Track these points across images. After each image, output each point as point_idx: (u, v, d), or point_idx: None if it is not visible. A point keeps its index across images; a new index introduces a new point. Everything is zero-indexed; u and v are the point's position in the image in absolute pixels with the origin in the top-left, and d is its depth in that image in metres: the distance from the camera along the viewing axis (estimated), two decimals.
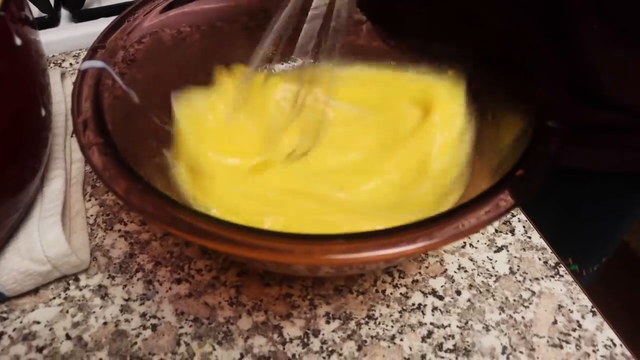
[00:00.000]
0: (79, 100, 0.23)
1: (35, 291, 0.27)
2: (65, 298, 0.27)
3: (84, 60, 0.25)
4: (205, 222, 0.19)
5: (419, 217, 0.23)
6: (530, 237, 0.29)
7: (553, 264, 0.28)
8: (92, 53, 0.25)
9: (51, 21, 0.43)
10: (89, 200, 0.31)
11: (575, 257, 0.56)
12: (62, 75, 0.36)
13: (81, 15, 0.43)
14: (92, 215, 0.30)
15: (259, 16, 0.34)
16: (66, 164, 0.31)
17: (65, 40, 0.41)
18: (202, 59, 0.33)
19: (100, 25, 0.43)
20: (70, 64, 0.40)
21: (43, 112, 0.26)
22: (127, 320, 0.26)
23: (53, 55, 0.41)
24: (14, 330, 0.26)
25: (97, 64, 0.25)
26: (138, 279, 0.27)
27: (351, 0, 0.31)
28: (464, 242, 0.29)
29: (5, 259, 0.26)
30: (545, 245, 0.29)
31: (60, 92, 0.35)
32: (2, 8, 0.22)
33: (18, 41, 0.23)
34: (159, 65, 0.30)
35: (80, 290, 0.27)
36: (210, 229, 0.19)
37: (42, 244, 0.26)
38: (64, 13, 0.45)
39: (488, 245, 0.29)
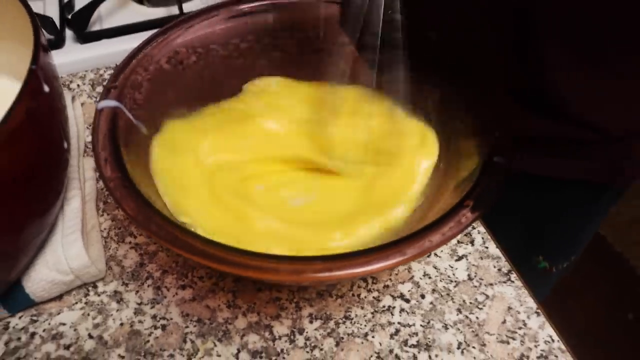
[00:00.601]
0: (98, 138, 0.28)
1: (59, 297, 0.32)
2: (86, 303, 0.32)
3: (99, 100, 0.30)
4: (202, 243, 0.24)
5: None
6: (487, 247, 0.34)
7: (506, 271, 0.33)
8: (106, 93, 0.30)
9: (57, 43, 0.47)
10: (102, 215, 0.36)
11: (545, 256, 0.62)
12: (72, 98, 0.41)
13: (85, 37, 0.48)
14: (105, 229, 0.35)
15: (248, 39, 0.39)
16: (81, 183, 0.35)
17: (72, 63, 0.45)
18: (198, 86, 0.37)
19: (104, 46, 0.47)
20: (78, 85, 0.45)
21: (65, 142, 0.31)
22: (140, 322, 0.31)
23: (61, 77, 0.46)
24: (43, 330, 0.30)
25: (111, 103, 0.30)
26: (148, 286, 0.32)
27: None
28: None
29: (35, 270, 0.30)
30: (500, 255, 0.34)
31: (72, 115, 0.40)
32: (33, 61, 0.27)
33: (46, 88, 0.28)
34: (160, 97, 0.34)
35: (99, 296, 0.32)
36: (206, 249, 0.24)
37: (66, 258, 0.31)
38: (69, 34, 0.49)
39: (450, 255, 0.34)
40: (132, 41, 0.48)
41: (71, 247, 0.31)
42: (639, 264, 1.09)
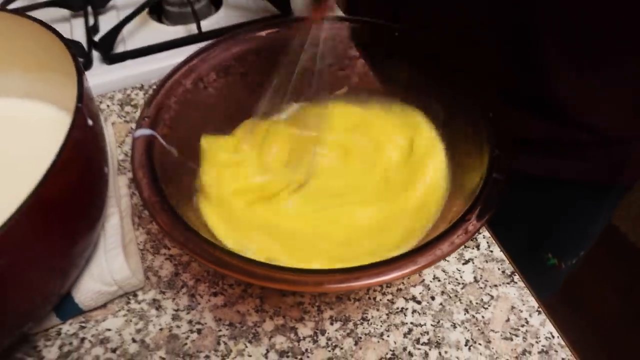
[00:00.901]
0: (136, 164, 0.32)
1: (104, 306, 0.36)
2: (128, 310, 0.35)
3: (135, 129, 0.33)
4: (229, 256, 0.28)
5: (404, 239, 0.31)
6: (492, 251, 0.38)
7: (509, 273, 0.36)
8: (141, 123, 0.34)
9: (86, 65, 0.51)
10: (137, 229, 0.40)
11: (553, 253, 0.64)
12: (104, 119, 0.44)
13: (112, 58, 0.51)
14: (141, 242, 0.39)
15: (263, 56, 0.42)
16: (117, 200, 0.39)
17: (101, 85, 0.49)
18: (225, 109, 0.41)
19: (129, 67, 0.51)
20: (107, 106, 0.48)
21: (105, 167, 0.34)
22: (177, 326, 0.35)
23: None
24: (92, 336, 0.34)
25: (145, 132, 0.33)
26: (183, 294, 0.36)
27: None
28: None
29: (83, 282, 0.34)
30: (504, 258, 0.37)
31: (105, 135, 0.43)
32: (79, 100, 0.30)
33: (90, 122, 0.31)
34: (190, 120, 0.38)
35: (139, 303, 0.36)
36: (232, 261, 0.28)
37: (110, 271, 0.34)
38: (95, 55, 0.53)
39: (457, 259, 0.37)
40: (155, 61, 0.51)
41: (114, 261, 0.35)
42: None
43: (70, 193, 0.30)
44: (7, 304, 0.29)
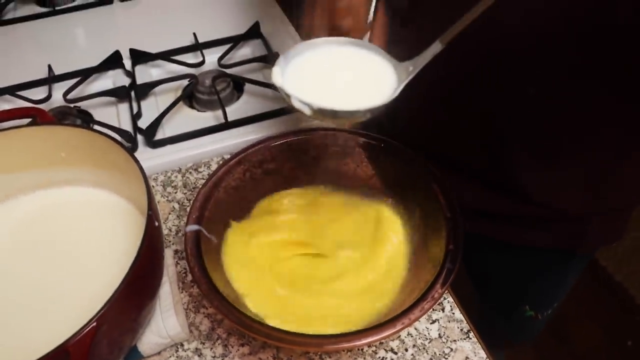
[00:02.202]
0: (189, 253, 0.46)
1: (159, 353, 0.49)
2: (177, 357, 0.49)
3: (186, 225, 0.48)
4: (251, 321, 0.41)
5: (385, 301, 0.45)
6: (454, 313, 0.51)
7: (466, 331, 0.50)
8: (191, 220, 0.48)
9: (133, 149, 0.66)
10: (182, 292, 0.54)
11: (530, 306, 0.77)
12: None
13: (154, 144, 0.66)
14: (185, 302, 0.53)
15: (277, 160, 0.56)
16: (166, 269, 0.53)
17: (146, 168, 0.63)
18: (252, 196, 0.55)
19: (168, 152, 0.65)
20: (153, 186, 0.63)
21: (164, 251, 0.49)
22: None
23: None
24: None
25: (194, 227, 0.47)
26: (219, 344, 0.50)
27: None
28: None
29: (145, 336, 0.48)
30: (463, 319, 0.51)
31: None
32: (149, 208, 0.45)
33: (156, 223, 0.45)
34: (221, 215, 0.52)
35: (185, 352, 0.49)
36: (253, 325, 0.41)
37: (165, 327, 0.48)
38: (139, 138, 0.67)
39: (427, 319, 0.51)
40: (190, 148, 0.66)
41: (168, 320, 0.49)
42: (638, 293, 1.24)
43: (144, 273, 0.44)
44: (101, 357, 0.43)
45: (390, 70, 0.44)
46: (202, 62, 0.77)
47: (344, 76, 0.45)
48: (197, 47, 0.80)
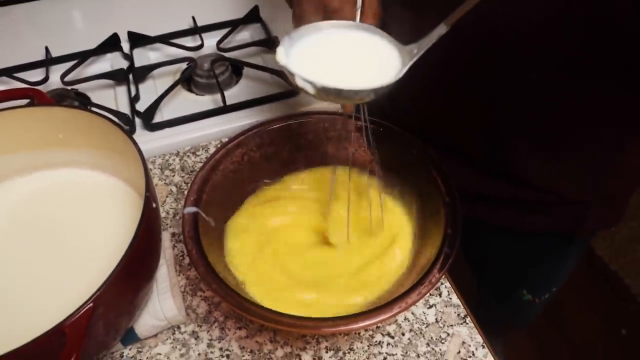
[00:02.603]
0: (186, 236, 0.46)
1: (155, 335, 0.49)
2: (174, 339, 0.49)
3: (184, 207, 0.47)
4: (248, 303, 0.41)
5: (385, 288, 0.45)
6: (451, 298, 0.51)
7: (463, 315, 0.50)
8: (189, 202, 0.48)
9: (131, 131, 0.65)
10: (179, 275, 0.53)
11: (528, 290, 0.77)
12: None
13: (152, 127, 0.65)
14: (182, 285, 0.53)
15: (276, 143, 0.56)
16: (163, 252, 0.53)
17: (144, 150, 0.63)
18: (250, 180, 0.55)
19: (166, 135, 0.65)
20: (150, 169, 0.62)
21: (161, 232, 0.48)
22: (211, 352, 0.48)
23: None
24: (147, 358, 0.48)
25: (192, 209, 0.47)
26: (215, 327, 0.50)
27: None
28: None
29: (142, 318, 0.48)
30: (460, 304, 0.51)
31: None
32: (147, 189, 0.44)
33: (154, 205, 0.45)
34: (221, 197, 0.51)
35: (182, 334, 0.49)
36: (250, 307, 0.41)
37: (162, 310, 0.48)
38: (137, 121, 0.67)
39: (424, 304, 0.51)
40: (188, 131, 0.65)
41: (165, 302, 0.49)
42: (633, 282, 1.24)
43: (141, 255, 0.44)
44: (97, 339, 0.43)
45: (394, 53, 0.44)
46: (201, 46, 0.76)
47: (349, 57, 0.44)
48: (195, 30, 0.79)
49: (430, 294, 0.51)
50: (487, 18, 0.45)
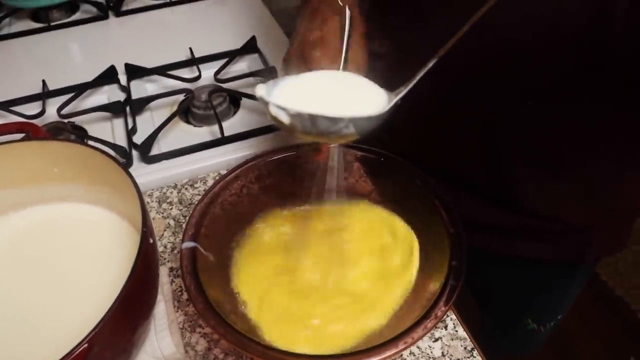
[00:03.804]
0: (184, 271, 0.45)
1: None
2: None
3: (182, 242, 0.46)
4: (247, 340, 0.40)
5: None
6: (457, 331, 0.50)
7: (470, 349, 0.49)
8: (187, 236, 0.47)
9: (128, 164, 0.65)
10: (177, 310, 0.52)
11: (532, 319, 0.76)
12: None
13: (149, 159, 0.65)
14: (180, 321, 0.51)
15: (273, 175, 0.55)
16: (161, 287, 0.52)
17: (141, 183, 0.62)
18: (249, 213, 0.54)
19: (164, 168, 0.64)
20: (148, 202, 0.62)
21: (158, 268, 0.47)
22: None
23: None
24: None
25: (190, 244, 0.46)
26: None
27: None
28: None
29: (139, 356, 0.47)
30: (466, 337, 0.50)
31: None
32: (144, 225, 0.43)
33: (151, 240, 0.44)
34: (219, 232, 0.51)
35: None
36: (250, 345, 0.40)
37: (159, 348, 0.47)
38: (134, 154, 0.66)
39: (429, 337, 0.49)
40: (186, 163, 0.65)
41: (163, 340, 0.47)
42: (639, 307, 1.23)
43: (139, 292, 0.43)
44: None
45: (380, 91, 0.43)
46: (198, 77, 0.76)
47: (332, 93, 0.43)
48: (193, 61, 0.80)
49: (436, 327, 0.50)
50: (483, 44, 0.45)
